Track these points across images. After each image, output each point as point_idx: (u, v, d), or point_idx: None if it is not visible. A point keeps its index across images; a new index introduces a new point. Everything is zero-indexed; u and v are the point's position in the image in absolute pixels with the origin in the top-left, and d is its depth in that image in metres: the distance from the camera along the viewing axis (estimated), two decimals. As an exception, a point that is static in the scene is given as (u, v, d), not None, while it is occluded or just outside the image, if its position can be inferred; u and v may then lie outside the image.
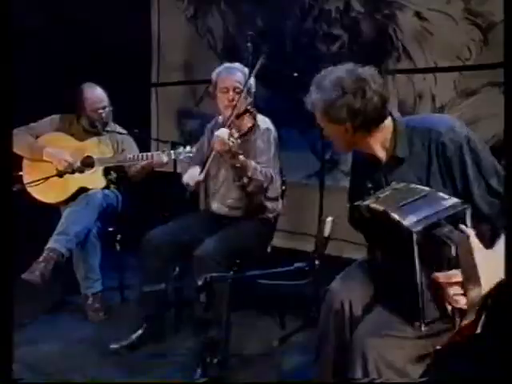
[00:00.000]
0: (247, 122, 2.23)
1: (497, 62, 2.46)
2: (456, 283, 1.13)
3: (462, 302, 1.13)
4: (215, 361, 2.06)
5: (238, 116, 2.21)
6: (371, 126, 1.48)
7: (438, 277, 1.16)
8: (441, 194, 1.28)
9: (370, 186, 1.56)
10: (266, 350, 2.33)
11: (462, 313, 1.16)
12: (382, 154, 1.54)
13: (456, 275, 1.13)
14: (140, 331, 2.31)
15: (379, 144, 1.53)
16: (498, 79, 2.51)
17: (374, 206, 1.34)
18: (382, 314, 1.41)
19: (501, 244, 1.25)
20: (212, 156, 2.13)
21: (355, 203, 1.44)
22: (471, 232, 1.16)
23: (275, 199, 2.45)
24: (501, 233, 1.30)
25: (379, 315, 1.41)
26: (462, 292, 1.12)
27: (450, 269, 1.16)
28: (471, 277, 1.11)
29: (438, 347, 1.34)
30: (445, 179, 1.43)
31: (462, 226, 1.17)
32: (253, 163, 2.18)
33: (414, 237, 1.17)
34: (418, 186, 1.37)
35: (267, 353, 2.31)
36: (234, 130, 2.06)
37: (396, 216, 1.23)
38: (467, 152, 1.39)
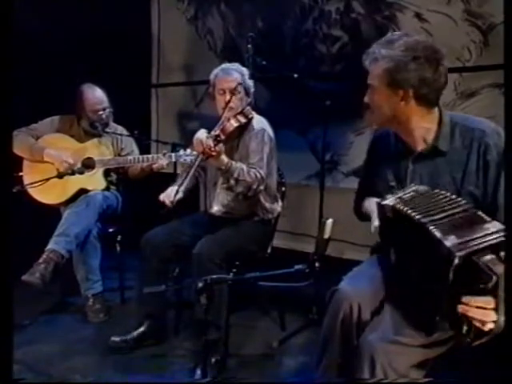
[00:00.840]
0: (240, 122, 2.23)
1: (497, 63, 2.47)
2: (489, 309, 1.10)
3: (490, 326, 1.10)
4: (215, 361, 2.07)
5: (234, 116, 2.21)
6: (428, 104, 1.43)
7: (473, 301, 1.11)
8: (481, 214, 1.22)
9: (393, 183, 1.52)
10: (265, 351, 2.33)
11: (479, 336, 1.13)
12: (418, 143, 1.49)
13: (491, 302, 1.09)
14: (142, 328, 2.31)
15: (419, 131, 1.47)
16: (498, 81, 2.52)
17: (400, 207, 1.30)
18: (391, 318, 1.38)
19: None
20: (192, 172, 2.13)
21: (377, 200, 1.41)
22: None
23: (275, 200, 2.45)
24: None
25: (389, 319, 1.39)
26: (495, 319, 1.09)
27: (484, 295, 1.11)
28: (504, 307, 1.08)
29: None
30: (479, 181, 1.40)
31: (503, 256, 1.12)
32: (238, 164, 2.18)
33: (456, 261, 1.12)
34: (444, 193, 1.32)
35: (267, 354, 2.31)
36: (213, 132, 2.06)
37: (436, 232, 1.17)
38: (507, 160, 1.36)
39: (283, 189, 2.59)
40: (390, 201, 1.36)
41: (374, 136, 1.71)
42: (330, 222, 1.35)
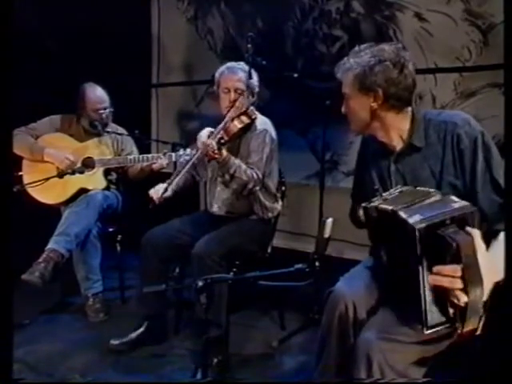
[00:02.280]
0: (244, 123, 2.23)
1: (497, 63, 2.47)
2: (457, 278, 1.12)
3: (463, 299, 1.12)
4: (215, 361, 2.07)
5: (237, 116, 2.21)
6: (398, 105, 1.49)
7: (440, 269, 1.15)
8: (451, 197, 1.28)
9: (376, 187, 1.56)
10: (265, 350, 2.33)
11: (464, 316, 1.14)
12: (396, 143, 1.54)
13: (457, 269, 1.12)
14: (141, 329, 2.31)
15: (396, 131, 1.53)
16: (497, 80, 2.52)
17: (382, 206, 1.35)
18: (387, 316, 1.41)
19: (498, 245, 1.26)
20: (184, 171, 2.17)
21: (363, 204, 1.45)
22: (476, 233, 1.15)
23: (274, 199, 2.45)
24: (497, 233, 1.30)
25: (384, 318, 1.41)
26: (462, 287, 1.11)
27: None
28: (473, 277, 1.11)
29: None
30: (457, 171, 1.44)
31: (468, 228, 1.17)
32: (237, 161, 2.18)
33: (417, 233, 1.17)
34: (426, 189, 1.37)
35: (267, 353, 2.31)
36: (216, 133, 2.06)
37: (402, 214, 1.23)
38: (480, 147, 1.41)
39: (283, 188, 2.59)
40: (374, 203, 1.41)
41: (361, 142, 1.77)
42: (329, 221, 1.35)
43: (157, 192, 2.27)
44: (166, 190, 2.21)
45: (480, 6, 2.58)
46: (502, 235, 1.29)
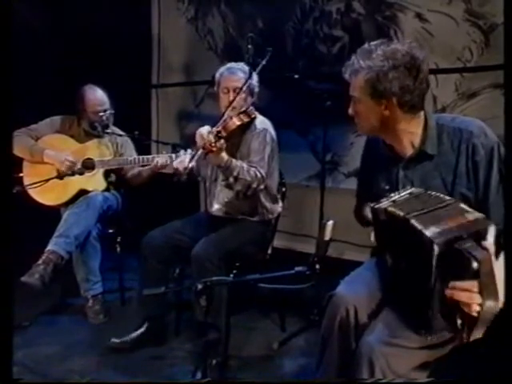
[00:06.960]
0: (243, 121, 2.23)
1: (498, 63, 2.46)
2: (475, 293, 1.09)
3: (476, 309, 1.09)
4: (215, 362, 2.06)
5: (237, 115, 2.21)
6: (413, 110, 1.42)
7: (458, 285, 1.10)
8: (463, 206, 1.24)
9: (387, 187, 1.52)
10: (266, 352, 2.32)
11: (472, 327, 1.12)
12: (406, 148, 1.49)
13: (475, 285, 1.08)
14: (142, 329, 2.31)
15: (407, 137, 1.47)
16: (499, 81, 2.51)
17: (392, 209, 1.31)
18: (389, 320, 1.39)
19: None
20: (200, 152, 2.08)
21: (371, 204, 1.41)
22: (492, 248, 1.12)
23: (275, 200, 2.45)
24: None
25: (387, 322, 1.38)
26: (481, 302, 1.08)
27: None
28: (490, 293, 1.08)
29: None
30: (470, 183, 1.40)
31: (485, 243, 1.13)
32: (239, 163, 2.17)
33: (436, 248, 1.13)
34: (436, 193, 1.33)
35: (267, 355, 2.30)
36: (215, 128, 2.05)
37: (418, 225, 1.19)
38: (496, 159, 1.37)
39: (283, 189, 2.59)
40: (383, 204, 1.36)
41: (366, 142, 1.71)
42: (330, 223, 1.34)
43: (182, 162, 2.19)
44: (192, 158, 2.08)
45: (481, 6, 2.57)
46: None
